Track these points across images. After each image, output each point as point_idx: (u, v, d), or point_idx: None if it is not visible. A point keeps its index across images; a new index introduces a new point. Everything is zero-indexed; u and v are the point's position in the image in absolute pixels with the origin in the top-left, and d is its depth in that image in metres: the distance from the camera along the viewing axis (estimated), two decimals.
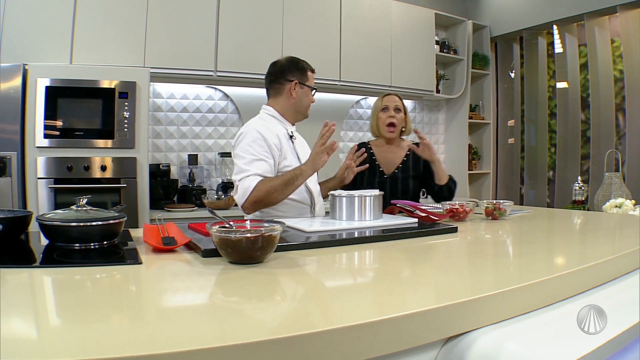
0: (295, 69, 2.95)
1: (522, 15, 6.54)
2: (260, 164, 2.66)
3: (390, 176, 3.51)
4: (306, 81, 2.96)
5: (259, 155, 2.67)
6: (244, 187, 2.60)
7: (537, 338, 1.19)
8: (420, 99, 6.82)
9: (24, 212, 2.03)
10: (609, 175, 4.58)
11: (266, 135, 2.72)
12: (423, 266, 1.75)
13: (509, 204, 2.90)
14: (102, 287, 1.39)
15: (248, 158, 2.66)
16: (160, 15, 4.60)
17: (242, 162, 2.66)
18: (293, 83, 2.92)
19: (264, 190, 2.59)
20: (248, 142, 2.70)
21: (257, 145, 2.69)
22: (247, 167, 2.64)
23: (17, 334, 0.97)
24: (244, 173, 2.63)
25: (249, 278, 1.44)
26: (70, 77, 3.96)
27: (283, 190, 2.62)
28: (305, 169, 2.64)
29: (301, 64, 2.99)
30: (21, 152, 3.80)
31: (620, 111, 5.65)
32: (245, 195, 2.60)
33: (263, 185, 2.60)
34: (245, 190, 2.59)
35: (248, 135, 2.73)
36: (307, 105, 3.00)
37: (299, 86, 2.93)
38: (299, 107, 2.96)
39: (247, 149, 2.68)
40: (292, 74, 2.94)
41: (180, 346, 0.88)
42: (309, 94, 2.98)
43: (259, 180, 2.60)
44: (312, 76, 3.02)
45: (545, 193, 6.56)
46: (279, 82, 2.95)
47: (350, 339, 1.00)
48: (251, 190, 2.58)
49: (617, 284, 1.66)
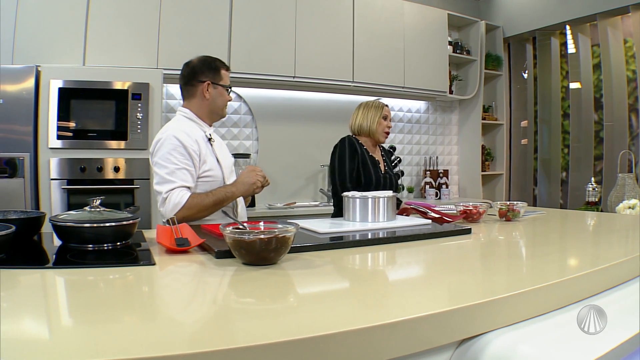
0: (208, 69, 2.86)
1: (535, 16, 6.51)
2: (183, 173, 2.61)
3: (384, 174, 3.63)
4: (219, 81, 2.86)
5: (181, 165, 2.61)
6: (174, 202, 2.54)
7: (551, 340, 1.18)
8: (434, 99, 6.80)
9: (37, 213, 2.04)
10: (622, 176, 4.55)
11: (185, 143, 2.64)
12: (437, 268, 1.74)
13: (522, 205, 2.89)
14: (115, 288, 1.39)
15: (170, 167, 2.59)
16: (173, 16, 4.61)
17: (164, 171, 2.60)
18: (205, 84, 2.82)
19: (195, 208, 2.58)
20: (168, 149, 2.62)
21: (178, 153, 2.62)
22: (171, 178, 2.58)
23: (29, 335, 0.97)
24: (170, 185, 2.57)
25: (263, 279, 1.44)
26: (83, 79, 3.98)
27: (212, 209, 2.64)
28: (236, 192, 2.68)
29: (214, 63, 2.89)
30: (34, 153, 3.82)
31: (634, 112, 5.61)
32: (175, 210, 2.53)
33: (194, 202, 2.57)
34: (175, 205, 2.53)
35: (167, 142, 2.64)
36: (223, 105, 2.91)
37: (212, 86, 2.84)
38: (213, 107, 2.87)
39: (167, 158, 2.61)
40: (204, 74, 2.84)
41: (193, 347, 0.88)
42: (224, 93, 2.89)
43: (190, 196, 2.57)
44: (226, 74, 2.92)
45: (558, 194, 6.52)
46: (191, 84, 2.86)
47: (364, 341, 1.00)
48: (182, 207, 2.54)
49: (631, 285, 1.65)
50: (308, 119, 5.79)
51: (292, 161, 5.71)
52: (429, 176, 6.57)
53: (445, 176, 6.70)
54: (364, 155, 3.52)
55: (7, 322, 0.99)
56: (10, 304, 1.14)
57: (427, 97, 6.58)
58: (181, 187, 2.57)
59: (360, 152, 3.51)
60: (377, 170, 3.54)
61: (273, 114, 5.60)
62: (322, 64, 5.37)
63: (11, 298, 1.21)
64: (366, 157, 3.53)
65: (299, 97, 5.76)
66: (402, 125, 6.62)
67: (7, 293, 1.25)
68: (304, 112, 5.79)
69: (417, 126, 6.79)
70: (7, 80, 3.72)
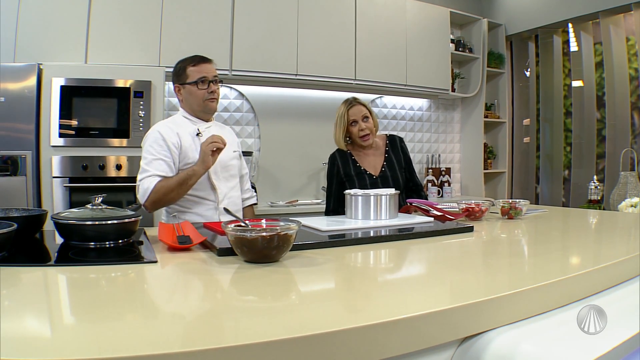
0: (175, 75, 2.99)
1: (537, 14, 6.49)
2: (159, 163, 2.75)
3: (380, 176, 3.47)
4: (185, 79, 2.93)
5: (158, 155, 2.76)
6: (144, 187, 2.71)
7: (554, 338, 1.18)
8: (436, 97, 6.79)
9: (39, 210, 2.04)
10: (624, 175, 4.55)
11: (166, 136, 2.80)
12: (439, 266, 1.74)
13: (525, 203, 2.89)
14: (116, 285, 1.39)
15: (148, 158, 2.77)
16: (176, 14, 4.61)
17: (143, 162, 2.77)
18: (175, 88, 3.00)
19: (161, 191, 2.71)
20: (150, 142, 2.81)
21: (157, 145, 2.78)
22: (147, 167, 2.74)
23: (31, 333, 0.97)
24: (145, 173, 2.74)
25: (265, 277, 1.44)
26: (85, 77, 3.98)
27: (178, 190, 2.74)
28: (197, 169, 2.73)
29: (178, 66, 2.99)
30: (36, 151, 3.82)
31: (636, 110, 5.60)
32: (145, 196, 2.70)
33: (159, 184, 2.71)
34: (145, 190, 2.70)
35: (150, 136, 2.84)
36: (199, 100, 2.94)
37: (181, 88, 2.96)
38: (192, 105, 2.98)
39: (148, 149, 2.79)
40: (174, 80, 3.00)
41: (195, 345, 0.88)
42: (193, 90, 2.92)
43: (157, 181, 2.71)
44: (194, 70, 2.92)
45: (560, 192, 6.51)
46: (175, 90, 3.03)
47: (366, 339, 1.00)
48: (150, 191, 2.69)
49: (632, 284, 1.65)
50: (310, 117, 5.78)
51: (294, 159, 5.71)
52: (431, 174, 6.57)
53: (448, 174, 6.70)
54: (347, 169, 3.47)
55: (9, 319, 1.00)
56: (12, 302, 1.14)
57: (429, 95, 6.59)
58: (153, 176, 2.72)
59: (341, 167, 3.49)
60: (362, 180, 3.42)
61: (275, 111, 5.60)
62: (324, 61, 5.36)
63: (13, 296, 1.21)
64: (350, 170, 3.46)
65: (301, 95, 5.75)
66: (404, 123, 6.62)
67: (9, 291, 1.25)
68: (306, 109, 5.78)
69: (419, 124, 6.78)
70: (9, 78, 3.72)
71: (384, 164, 3.51)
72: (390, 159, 3.53)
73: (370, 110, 3.49)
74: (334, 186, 3.51)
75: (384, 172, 3.48)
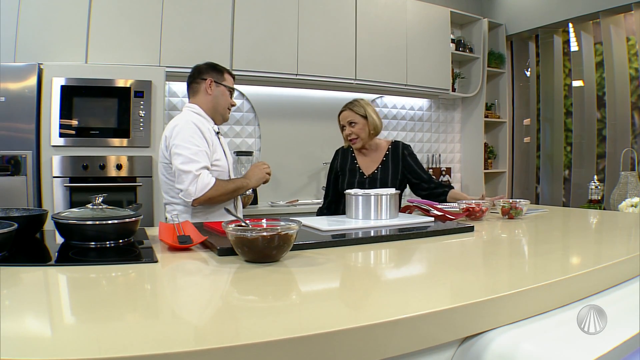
0: (212, 70, 3.04)
1: (538, 14, 6.50)
2: (205, 155, 2.77)
3: (370, 176, 3.56)
4: (222, 81, 3.04)
5: (202, 147, 2.77)
6: (205, 182, 2.69)
7: (554, 338, 1.18)
8: (436, 97, 6.80)
9: (39, 210, 2.04)
10: (624, 175, 4.55)
11: (202, 129, 2.82)
12: (439, 265, 1.74)
13: (525, 203, 2.89)
14: (117, 285, 1.39)
15: (193, 149, 2.73)
16: (176, 14, 4.61)
17: (188, 152, 2.71)
18: (208, 81, 3.00)
19: (220, 190, 2.76)
20: (189, 133, 2.77)
21: (198, 136, 2.78)
22: (197, 158, 2.71)
23: (32, 332, 0.97)
24: (197, 164, 2.70)
25: (265, 277, 1.44)
26: (86, 77, 3.98)
27: (230, 195, 2.85)
28: (249, 184, 2.93)
29: (219, 67, 3.08)
30: (36, 151, 3.83)
31: (636, 110, 5.60)
32: (204, 190, 2.69)
33: (220, 184, 2.75)
34: (205, 185, 2.69)
35: (186, 127, 2.79)
36: (225, 106, 3.06)
37: (215, 84, 3.00)
38: (216, 105, 3.02)
39: (189, 140, 2.75)
40: (208, 73, 3.02)
41: (196, 345, 0.88)
42: (226, 93, 3.05)
43: (216, 180, 2.74)
44: (230, 79, 3.10)
45: (560, 192, 6.52)
46: (196, 82, 3.03)
47: (366, 339, 1.00)
48: (210, 187, 2.70)
49: (633, 283, 1.65)
50: (310, 117, 5.79)
51: (295, 159, 5.71)
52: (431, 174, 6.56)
53: (448, 174, 6.70)
54: (344, 163, 3.66)
55: (10, 319, 1.00)
56: (12, 302, 1.14)
57: (430, 94, 6.59)
58: (204, 169, 2.72)
59: (340, 161, 3.70)
60: (352, 176, 3.57)
61: (275, 111, 5.60)
62: (325, 61, 5.37)
63: (13, 296, 1.21)
64: (346, 165, 3.63)
65: (301, 95, 5.75)
66: (404, 123, 6.62)
67: (9, 291, 1.25)
68: (307, 109, 5.78)
69: (420, 124, 6.79)
70: (9, 78, 3.73)
71: (379, 166, 3.57)
72: (387, 163, 3.58)
73: (364, 114, 3.51)
74: (332, 175, 3.74)
75: (374, 174, 3.56)
